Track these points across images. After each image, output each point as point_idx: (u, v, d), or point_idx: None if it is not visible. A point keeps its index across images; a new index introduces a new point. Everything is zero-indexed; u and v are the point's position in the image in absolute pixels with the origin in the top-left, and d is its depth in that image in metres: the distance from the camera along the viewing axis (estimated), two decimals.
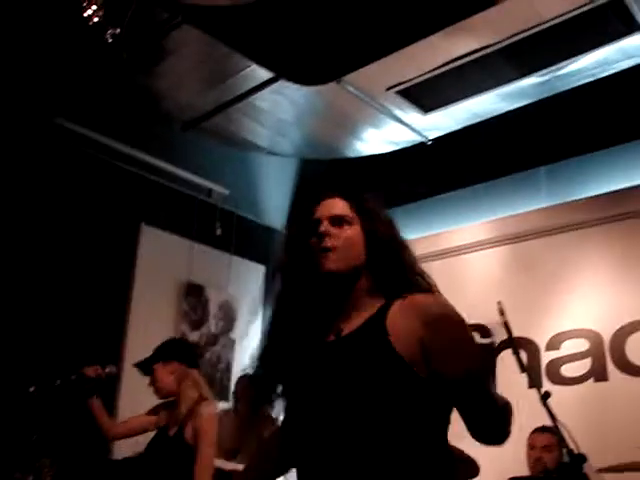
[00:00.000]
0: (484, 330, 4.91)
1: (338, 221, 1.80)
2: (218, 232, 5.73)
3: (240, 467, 4.16)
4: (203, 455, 3.30)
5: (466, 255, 5.27)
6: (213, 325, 5.72)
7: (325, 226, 1.79)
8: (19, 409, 3.99)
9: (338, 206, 1.83)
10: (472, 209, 5.30)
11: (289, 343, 1.75)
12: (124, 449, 3.98)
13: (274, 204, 6.25)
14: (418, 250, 6.05)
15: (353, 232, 1.78)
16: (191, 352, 3.65)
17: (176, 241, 5.55)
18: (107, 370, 3.58)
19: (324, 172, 6.19)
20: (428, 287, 1.76)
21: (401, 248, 1.80)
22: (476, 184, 5.30)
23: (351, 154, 5.34)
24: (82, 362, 4.01)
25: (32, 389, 3.49)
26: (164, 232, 5.47)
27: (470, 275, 5.23)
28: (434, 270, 6.21)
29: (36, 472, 3.42)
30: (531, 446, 4.16)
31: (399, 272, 1.75)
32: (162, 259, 5.44)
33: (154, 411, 3.63)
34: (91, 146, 5.06)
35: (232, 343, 5.78)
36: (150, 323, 5.11)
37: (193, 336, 5.54)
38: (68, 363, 4.26)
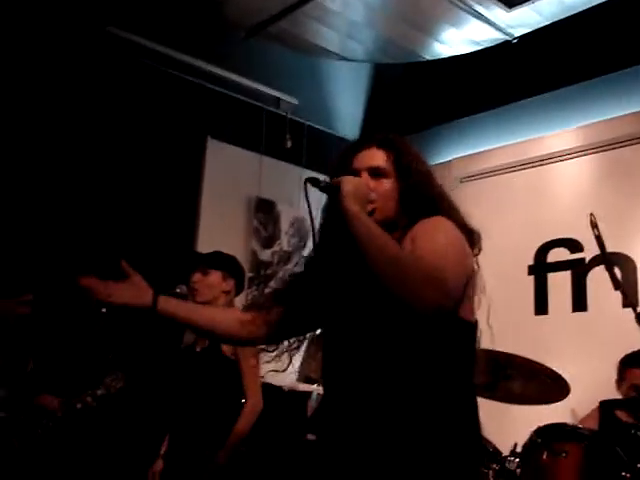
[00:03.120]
0: (575, 244, 4.89)
1: (376, 173, 1.98)
2: (288, 144, 5.73)
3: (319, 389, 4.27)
4: (249, 367, 3.46)
5: (555, 164, 5.15)
6: (285, 242, 5.72)
7: (365, 179, 1.95)
8: (91, 329, 4.23)
9: (376, 157, 2.00)
10: (562, 113, 5.16)
11: (331, 278, 1.97)
12: None
13: (347, 113, 6.19)
14: (502, 160, 5.94)
15: (390, 186, 1.97)
16: (243, 282, 3.80)
17: (244, 155, 5.55)
18: (177, 290, 3.70)
19: (400, 77, 6.09)
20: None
21: (435, 199, 1.99)
22: (566, 86, 5.13)
23: (429, 56, 5.19)
24: (152, 281, 4.13)
25: (104, 310, 3.69)
26: (231, 146, 5.46)
27: (559, 186, 5.14)
28: (520, 181, 6.13)
29: (106, 385, 3.65)
30: (629, 382, 3.98)
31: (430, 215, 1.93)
32: (230, 174, 5.46)
33: None
34: (150, 57, 5.06)
35: None
36: (219, 241, 5.10)
37: (264, 254, 5.59)
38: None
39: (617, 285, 2.82)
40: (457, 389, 1.83)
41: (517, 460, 3.26)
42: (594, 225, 2.86)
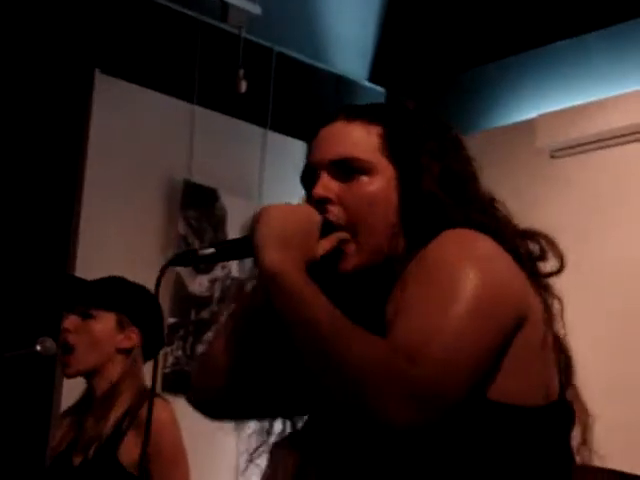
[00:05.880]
0: None
1: (345, 170, 2.00)
2: (242, 87, 5.75)
3: None
4: None
5: None
6: (235, 262, 5.64)
7: (321, 186, 2.00)
8: None
9: (347, 140, 2.02)
10: None
11: None
12: None
13: (347, 32, 6.33)
14: (626, 118, 5.96)
15: (375, 187, 1.99)
16: (160, 333, 3.87)
17: (164, 104, 5.62)
18: (38, 348, 3.71)
19: None
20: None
21: (473, 207, 2.02)
22: None
23: None
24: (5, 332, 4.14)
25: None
26: (139, 87, 5.52)
27: None
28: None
29: None
30: None
31: None
32: (136, 138, 5.50)
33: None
34: None
35: None
36: (116, 257, 5.16)
37: (198, 284, 5.60)
38: None
39: None
40: None
41: None
42: None
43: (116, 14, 5.47)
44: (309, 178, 2.03)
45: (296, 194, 2.09)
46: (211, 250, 1.95)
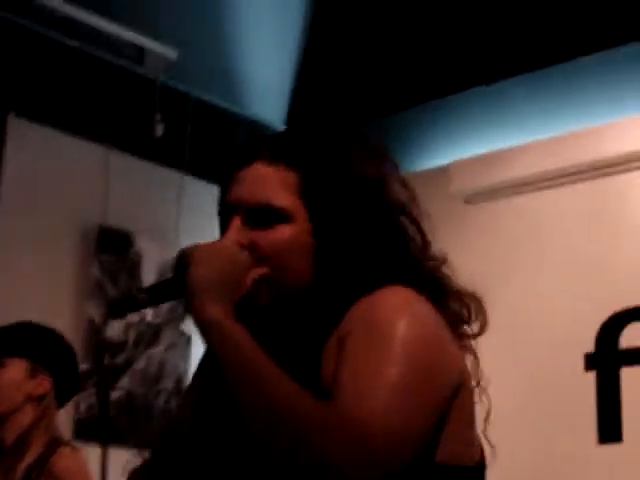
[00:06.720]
0: None
1: (262, 217, 1.98)
2: (158, 131, 5.79)
3: None
4: None
5: (636, 174, 5.20)
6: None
7: (234, 233, 1.98)
8: None
9: (264, 185, 1.99)
10: None
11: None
12: None
13: (263, 77, 6.33)
14: (540, 165, 6.11)
15: (290, 233, 1.98)
16: (74, 381, 3.81)
17: (78, 148, 5.56)
18: None
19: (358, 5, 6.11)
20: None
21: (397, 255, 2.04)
22: None
23: None
24: None
25: None
26: (53, 130, 5.45)
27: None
28: (571, 204, 6.22)
29: None
30: None
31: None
32: (50, 181, 5.44)
33: None
34: None
35: (186, 341, 5.80)
36: (28, 301, 5.11)
37: (112, 328, 5.49)
38: None
39: None
40: None
41: None
42: None
43: (31, 57, 5.43)
44: (227, 217, 2.01)
45: (213, 239, 2.04)
46: (145, 295, 1.92)
